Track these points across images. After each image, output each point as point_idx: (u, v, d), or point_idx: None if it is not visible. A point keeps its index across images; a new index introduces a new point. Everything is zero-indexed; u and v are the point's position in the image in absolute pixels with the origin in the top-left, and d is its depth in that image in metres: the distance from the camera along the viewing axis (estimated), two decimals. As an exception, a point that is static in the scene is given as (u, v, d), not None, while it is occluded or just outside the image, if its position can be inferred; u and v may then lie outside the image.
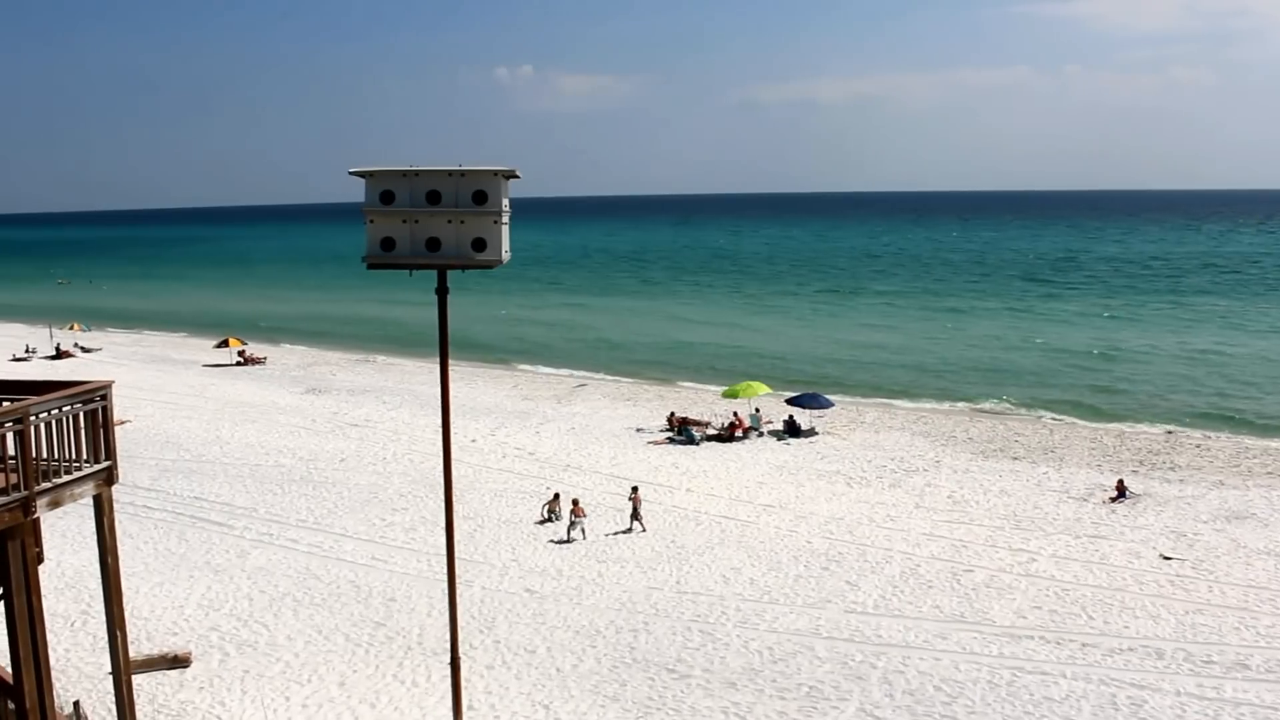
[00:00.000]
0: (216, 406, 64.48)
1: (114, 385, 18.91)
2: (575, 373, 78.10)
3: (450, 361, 17.75)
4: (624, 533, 38.45)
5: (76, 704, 23.83)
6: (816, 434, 54.04)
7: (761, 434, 54.06)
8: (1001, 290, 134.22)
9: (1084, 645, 27.78)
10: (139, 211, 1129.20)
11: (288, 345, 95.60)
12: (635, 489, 40.30)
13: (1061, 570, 33.55)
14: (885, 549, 36.04)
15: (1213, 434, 54.87)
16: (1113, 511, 40.05)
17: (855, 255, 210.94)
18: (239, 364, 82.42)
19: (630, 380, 74.21)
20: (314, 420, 59.75)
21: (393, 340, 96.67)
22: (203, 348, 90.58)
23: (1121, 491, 41.76)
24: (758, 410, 55.78)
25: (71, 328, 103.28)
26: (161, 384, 72.44)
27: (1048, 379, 72.91)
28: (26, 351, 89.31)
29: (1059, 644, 27.91)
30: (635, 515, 38.96)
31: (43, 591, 16.96)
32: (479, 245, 13.74)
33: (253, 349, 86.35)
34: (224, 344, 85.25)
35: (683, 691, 25.78)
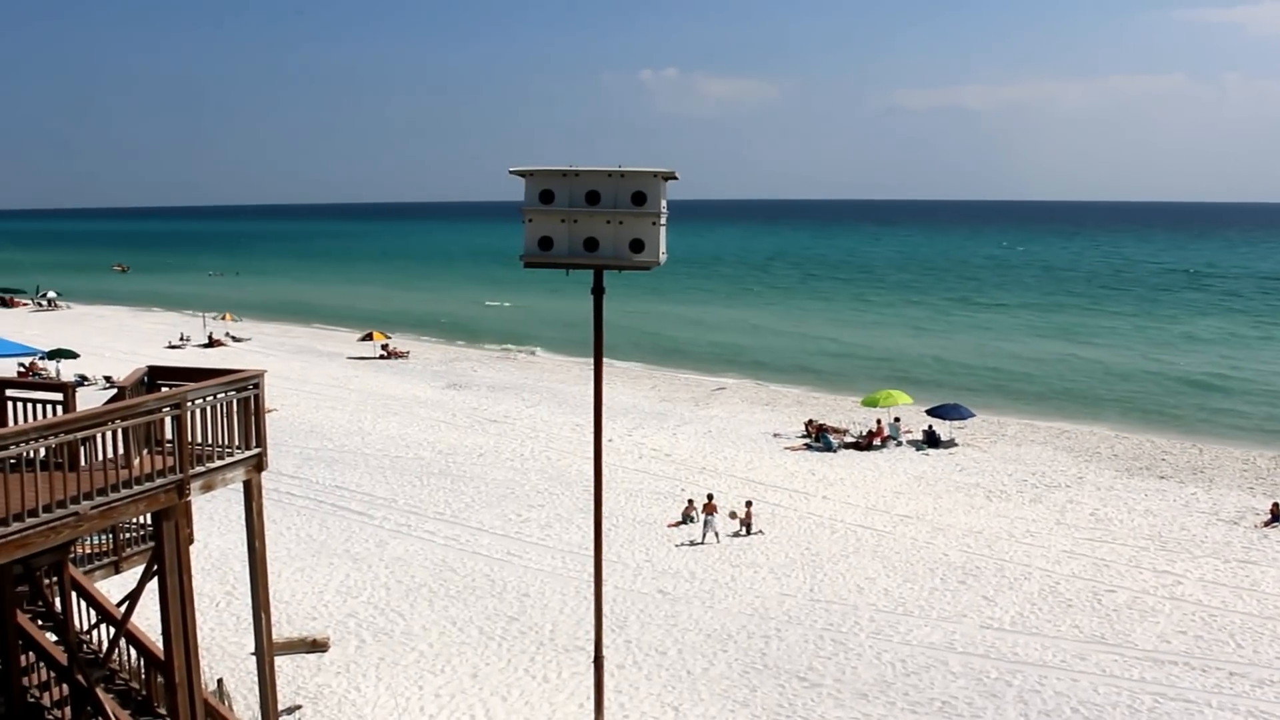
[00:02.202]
0: (359, 398, 65.77)
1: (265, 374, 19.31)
2: (713, 376, 77.78)
3: (590, 360, 17.75)
4: (740, 534, 38.55)
5: (220, 681, 24.46)
6: (956, 445, 53.13)
7: (900, 443, 53.32)
8: (1146, 305, 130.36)
9: (1231, 674, 26.82)
10: (293, 206, 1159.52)
11: (430, 340, 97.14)
12: (749, 503, 40.14)
13: (1209, 595, 32.45)
14: (1024, 565, 35.28)
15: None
16: (1265, 536, 38.59)
17: (996, 265, 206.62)
18: (382, 357, 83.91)
19: (769, 385, 73.68)
20: (454, 415, 60.58)
21: (533, 338, 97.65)
22: (347, 340, 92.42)
23: (1276, 515, 40.23)
24: (897, 419, 55.08)
25: (224, 318, 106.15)
26: (307, 374, 74.15)
27: (1196, 396, 70.69)
28: (181, 339, 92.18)
29: (1204, 671, 26.98)
30: (746, 524, 38.86)
31: (192, 571, 17.39)
32: (637, 246, 13.71)
33: (396, 343, 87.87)
34: (368, 337, 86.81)
35: (813, 700, 25.55)
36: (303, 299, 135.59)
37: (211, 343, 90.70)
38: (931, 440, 53.19)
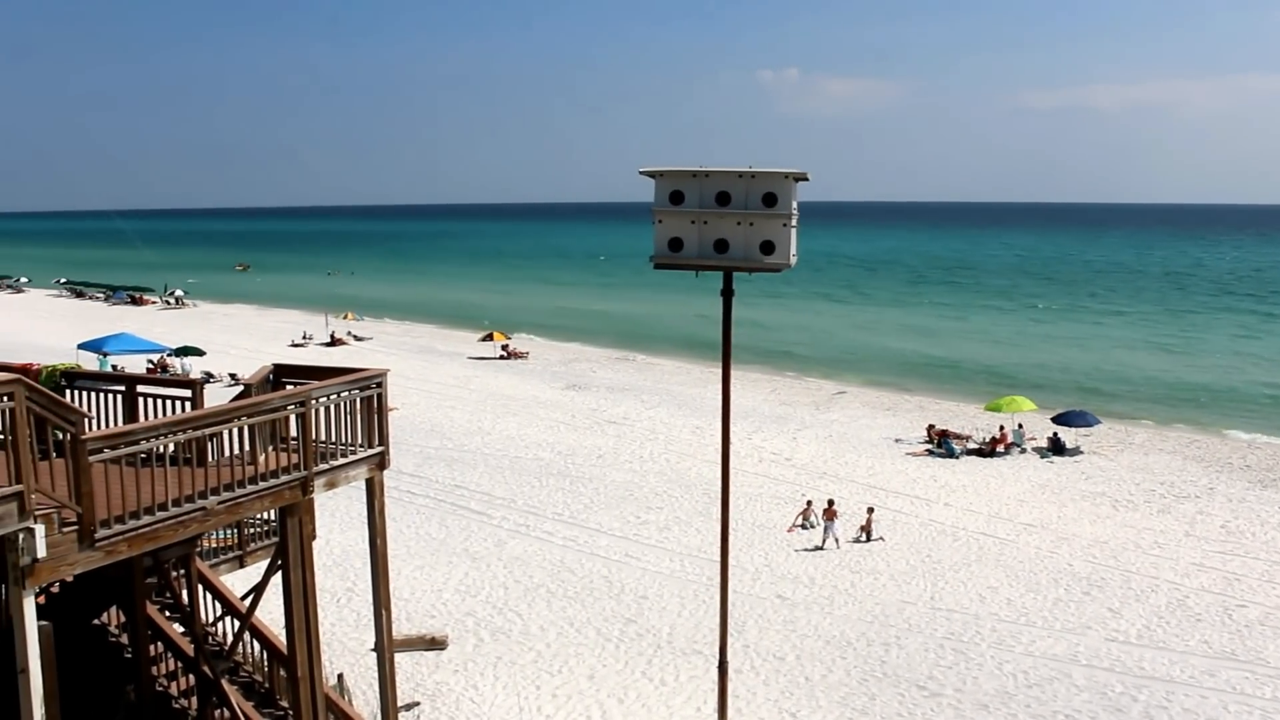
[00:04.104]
0: (479, 398, 66.29)
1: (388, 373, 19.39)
2: (832, 380, 76.99)
3: (712, 364, 17.52)
4: (860, 540, 38.14)
5: (340, 676, 24.74)
6: (1081, 453, 51.93)
7: (1024, 450, 52.29)
8: (1274, 313, 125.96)
9: (1373, 695, 25.79)
10: (411, 207, 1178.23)
11: (550, 341, 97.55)
12: (870, 509, 39.61)
13: (1348, 613, 31.26)
14: (1151, 577, 34.33)
15: None
16: None
17: (1117, 269, 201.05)
18: (502, 358, 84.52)
19: (889, 390, 72.76)
20: (573, 416, 60.75)
21: (653, 340, 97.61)
22: (467, 340, 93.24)
23: None
24: (1021, 426, 54.00)
25: (346, 316, 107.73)
26: (428, 374, 74.95)
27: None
28: (304, 338, 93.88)
29: (1344, 693, 25.97)
30: (866, 530, 38.34)
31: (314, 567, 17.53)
32: (767, 248, 13.47)
33: (516, 343, 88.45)
34: (489, 337, 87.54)
35: (933, 710, 25.11)
36: (419, 298, 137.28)
37: (334, 341, 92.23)
38: (1057, 447, 52.07)
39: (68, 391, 18.83)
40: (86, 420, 14.73)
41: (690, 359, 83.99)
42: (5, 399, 12.94)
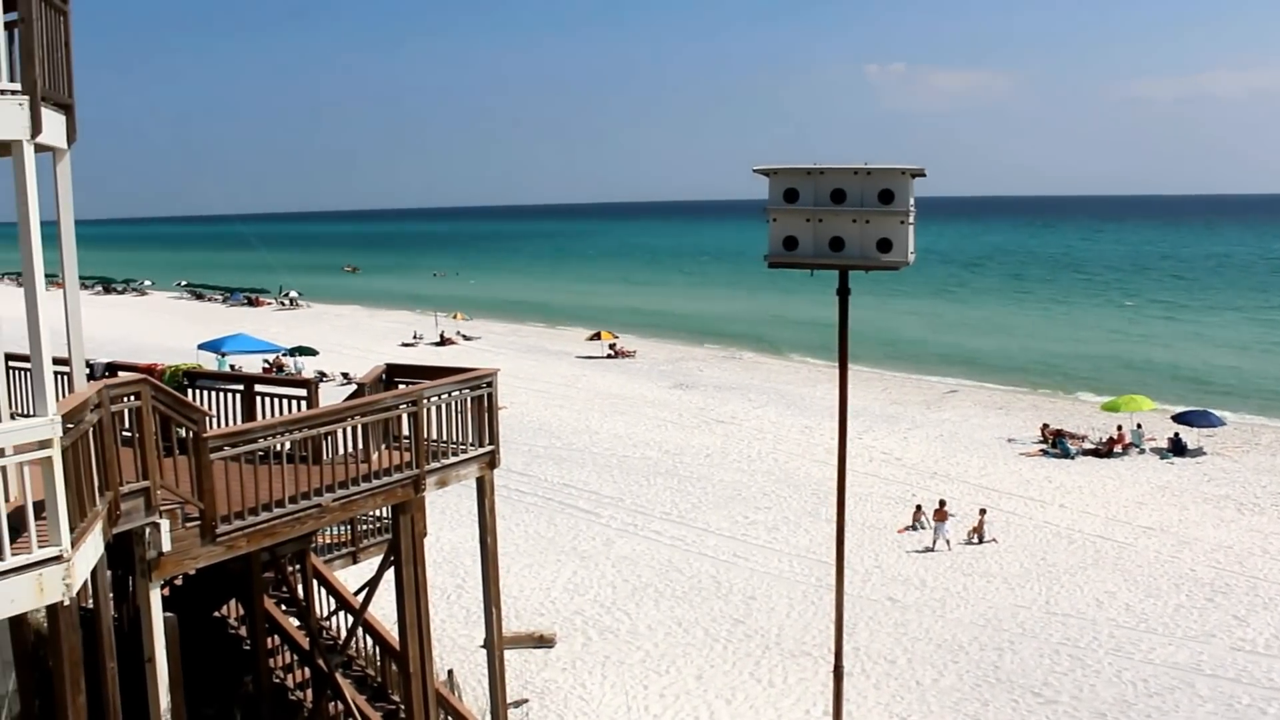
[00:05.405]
0: (587, 397, 66.57)
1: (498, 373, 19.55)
2: (943, 378, 75.95)
3: (820, 362, 17.36)
4: (972, 543, 37.52)
5: (450, 672, 24.99)
6: (1204, 454, 50.53)
7: (1143, 451, 51.09)
8: None
9: None
10: (507, 207, 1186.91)
11: (657, 339, 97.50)
12: (982, 511, 39.01)
13: None
14: None
15: None
16: None
17: (1234, 265, 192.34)
18: (610, 357, 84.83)
19: (1003, 388, 71.59)
20: (680, 415, 60.74)
21: (759, 338, 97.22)
22: (575, 339, 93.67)
23: None
24: (1139, 425, 52.81)
25: (455, 316, 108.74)
26: (536, 373, 75.39)
27: None
28: (414, 338, 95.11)
29: None
30: (979, 532, 37.75)
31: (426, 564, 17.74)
32: (884, 246, 13.24)
33: (623, 343, 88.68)
34: (596, 336, 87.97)
35: (1048, 717, 24.64)
36: (523, 297, 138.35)
37: (443, 341, 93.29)
38: (1177, 448, 50.74)
39: (189, 390, 19.28)
40: (207, 419, 15.08)
41: (797, 358, 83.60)
42: (132, 398, 13.28)
